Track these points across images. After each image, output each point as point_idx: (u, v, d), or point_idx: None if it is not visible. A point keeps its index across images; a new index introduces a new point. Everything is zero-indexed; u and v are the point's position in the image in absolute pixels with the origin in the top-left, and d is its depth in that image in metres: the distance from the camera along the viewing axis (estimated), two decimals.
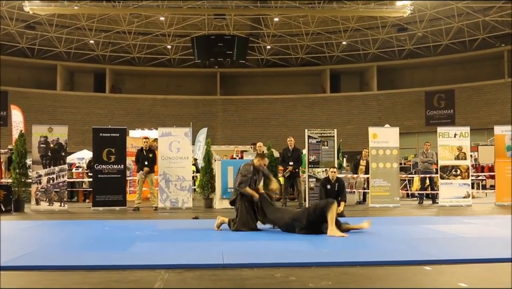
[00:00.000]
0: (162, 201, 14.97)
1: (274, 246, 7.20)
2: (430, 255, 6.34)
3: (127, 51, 41.45)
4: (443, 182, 15.57)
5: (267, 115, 41.13)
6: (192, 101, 41.65)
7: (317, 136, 15.35)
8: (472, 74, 39.37)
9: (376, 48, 40.80)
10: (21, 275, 5.45)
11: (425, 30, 38.14)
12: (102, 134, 15.16)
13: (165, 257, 6.28)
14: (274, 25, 38.88)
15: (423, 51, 40.41)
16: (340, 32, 39.55)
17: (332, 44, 41.22)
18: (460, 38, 38.64)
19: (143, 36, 40.17)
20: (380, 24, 38.32)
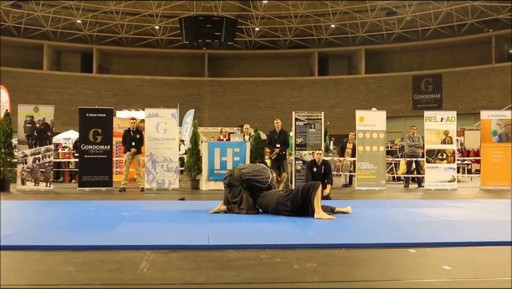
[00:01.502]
0: (148, 182, 14.97)
1: (260, 228, 7.22)
2: (414, 238, 6.37)
3: (114, 31, 41.14)
4: (429, 165, 15.65)
5: (255, 97, 41.14)
6: (179, 82, 41.52)
7: (304, 119, 15.36)
8: (460, 59, 39.53)
9: (365, 32, 40.77)
10: (5, 255, 5.41)
11: (414, 14, 38.14)
12: (88, 114, 15.09)
13: (150, 238, 6.27)
14: (263, 7, 38.71)
15: (412, 36, 40.45)
16: (329, 15, 39.46)
17: (321, 27, 41.14)
18: (448, 22, 38.69)
19: (131, 16, 39.86)
20: (368, 8, 38.26)
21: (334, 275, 4.65)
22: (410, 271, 4.97)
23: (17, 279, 4.54)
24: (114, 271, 4.73)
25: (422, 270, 5.03)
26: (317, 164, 12.14)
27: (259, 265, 4.94)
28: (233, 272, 4.68)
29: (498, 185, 15.10)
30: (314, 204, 8.09)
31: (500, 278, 4.56)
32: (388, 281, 4.50)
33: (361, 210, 9.12)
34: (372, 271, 4.92)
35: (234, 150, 14.81)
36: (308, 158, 14.54)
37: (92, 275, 4.60)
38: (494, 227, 7.29)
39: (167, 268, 4.86)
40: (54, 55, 41.88)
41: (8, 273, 4.78)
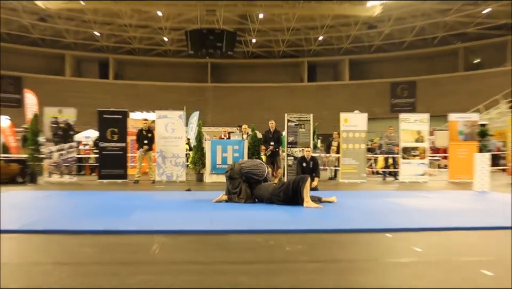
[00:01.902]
0: (159, 175, 14.95)
1: (256, 215, 7.24)
2: (390, 223, 6.42)
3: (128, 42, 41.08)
4: (404, 161, 15.67)
5: (252, 101, 41.11)
6: (185, 88, 41.48)
7: (295, 120, 15.36)
8: (431, 68, 39.61)
9: (349, 43, 40.81)
10: (34, 238, 5.46)
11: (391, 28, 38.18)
12: (105, 116, 15.04)
13: (161, 224, 6.30)
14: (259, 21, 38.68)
15: (390, 47, 40.51)
16: (317, 28, 39.45)
17: (310, 39, 41.15)
18: (422, 35, 38.78)
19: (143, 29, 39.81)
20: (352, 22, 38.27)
21: (320, 256, 4.69)
22: (387, 252, 5.02)
23: (45, 258, 4.57)
24: (129, 252, 4.77)
25: (397, 251, 5.08)
26: (306, 160, 12.16)
27: (256, 248, 4.98)
28: (233, 253, 4.72)
29: (464, 178, 15.14)
30: (303, 194, 8.14)
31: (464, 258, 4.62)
32: (367, 261, 4.54)
33: (345, 200, 9.15)
34: (354, 253, 4.97)
35: (233, 147, 14.82)
36: (298, 154, 14.54)
37: (110, 255, 4.64)
38: (459, 215, 7.34)
39: (175, 249, 4.90)
40: (75, 63, 41.79)
41: (37, 253, 4.82)
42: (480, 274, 4.02)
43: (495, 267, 4.22)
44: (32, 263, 4.41)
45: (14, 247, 5.11)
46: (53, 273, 3.99)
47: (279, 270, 4.15)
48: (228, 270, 4.14)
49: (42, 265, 4.29)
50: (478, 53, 39.09)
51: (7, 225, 6.08)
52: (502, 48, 36.44)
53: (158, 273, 3.99)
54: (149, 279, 3.79)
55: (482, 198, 10.15)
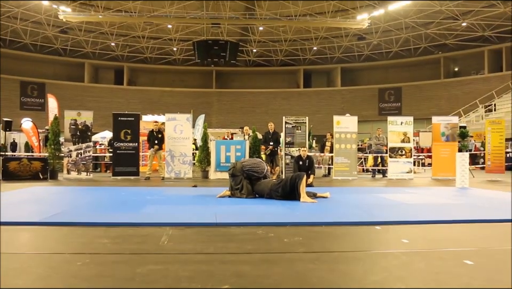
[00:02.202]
0: (168, 172, 14.94)
1: (257, 209, 7.20)
2: (379, 217, 6.38)
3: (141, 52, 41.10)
4: (391, 160, 15.66)
5: (252, 105, 41.12)
6: (192, 93, 41.49)
7: (292, 122, 15.34)
8: (415, 75, 39.60)
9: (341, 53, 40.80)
10: (54, 230, 5.41)
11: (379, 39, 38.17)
12: (120, 118, 15.03)
13: (169, 217, 6.27)
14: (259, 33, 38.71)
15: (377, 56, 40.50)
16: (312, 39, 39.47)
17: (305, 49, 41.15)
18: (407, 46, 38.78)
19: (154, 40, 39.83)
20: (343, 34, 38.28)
21: (316, 247, 4.64)
22: (376, 244, 4.97)
23: (64, 248, 4.53)
24: (141, 243, 4.72)
25: (385, 242, 5.04)
26: (302, 158, 12.13)
27: (256, 239, 4.94)
28: (236, 244, 4.68)
29: (446, 176, 15.11)
30: (300, 190, 8.10)
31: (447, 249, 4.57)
32: (359, 251, 4.50)
33: (338, 196, 9.12)
34: (346, 244, 4.92)
35: (236, 147, 14.78)
36: (295, 154, 14.53)
37: (123, 246, 4.60)
38: (443, 209, 7.29)
39: (183, 241, 4.86)
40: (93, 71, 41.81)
41: (57, 244, 4.78)
42: (463, 263, 3.97)
43: (476, 257, 4.18)
44: (53, 252, 4.37)
45: (35, 238, 5.06)
46: (71, 262, 3.95)
47: (278, 259, 4.12)
48: (231, 259, 4.10)
49: (61, 255, 4.25)
50: (457, 62, 39.09)
51: (30, 218, 6.05)
52: (479, 57, 36.46)
53: (167, 263, 3.95)
54: (158, 268, 3.75)
55: (463, 193, 10.10)
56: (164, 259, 4.06)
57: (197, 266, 3.85)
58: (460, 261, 4.05)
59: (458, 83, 37.31)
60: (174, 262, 4.01)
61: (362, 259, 4.13)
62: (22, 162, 13.65)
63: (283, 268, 3.80)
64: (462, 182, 11.99)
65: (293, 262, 4.00)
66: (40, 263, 3.98)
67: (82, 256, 4.15)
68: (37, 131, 18.61)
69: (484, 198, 9.06)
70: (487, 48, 35.73)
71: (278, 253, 4.38)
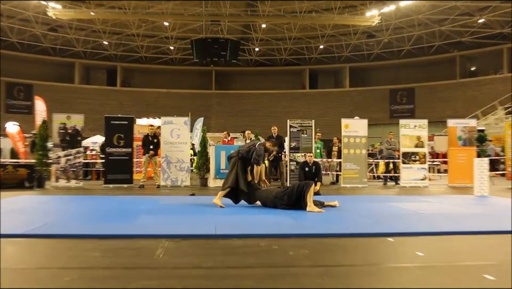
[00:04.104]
0: (164, 180, 14.92)
1: (260, 219, 7.17)
2: (392, 228, 6.34)
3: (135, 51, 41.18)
4: (404, 166, 15.61)
5: (255, 107, 41.11)
6: (190, 94, 41.51)
7: (297, 126, 15.32)
8: (429, 75, 39.56)
9: (349, 52, 40.80)
10: (42, 242, 5.39)
11: (390, 37, 38.18)
12: (113, 122, 15.02)
13: (165, 228, 6.24)
14: (262, 31, 38.75)
15: (388, 55, 40.50)
16: (318, 37, 39.49)
17: (311, 47, 41.18)
18: (420, 44, 38.77)
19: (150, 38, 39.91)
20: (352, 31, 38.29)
21: (323, 261, 4.61)
22: (389, 257, 4.94)
23: (52, 262, 4.50)
24: (134, 256, 4.70)
25: (398, 256, 5.00)
26: (309, 164, 12.10)
27: (259, 252, 4.91)
28: (237, 258, 4.65)
29: (463, 183, 15.04)
30: (307, 199, 8.08)
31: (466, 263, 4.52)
32: (370, 265, 4.47)
33: (347, 205, 9.08)
34: (356, 257, 4.88)
35: None
36: (300, 159, 14.50)
37: (115, 260, 4.57)
38: (460, 219, 7.25)
39: (179, 254, 4.83)
40: (84, 71, 41.89)
41: (44, 258, 4.74)
42: (482, 278, 3.93)
43: (497, 271, 4.13)
44: (39, 267, 4.34)
45: (20, 251, 5.03)
46: (59, 277, 3.92)
47: (282, 274, 4.09)
48: (232, 274, 4.07)
49: (49, 270, 4.22)
50: (474, 61, 39.03)
51: (14, 229, 6.00)
52: (497, 55, 36.38)
53: (162, 278, 3.91)
54: (153, 283, 3.71)
55: (482, 202, 10.05)
56: (158, 274, 4.03)
57: (194, 281, 3.82)
58: (479, 275, 4.01)
59: (475, 83, 37.25)
60: (170, 277, 3.98)
61: (374, 274, 4.10)
62: (7, 170, 13.63)
63: (288, 283, 3.77)
64: (481, 190, 11.93)
65: (299, 277, 3.97)
66: (25, 279, 3.94)
67: (70, 271, 4.12)
68: (23, 136, 18.61)
69: (505, 207, 9.00)
70: (506, 46, 35.66)
71: (283, 267, 4.35)
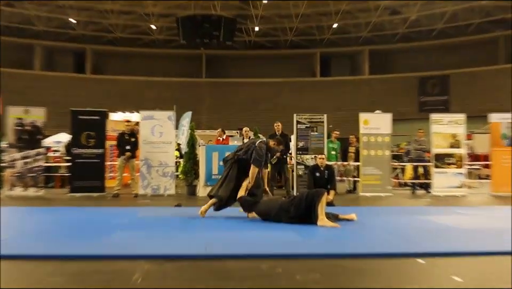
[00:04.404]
0: (143, 187, 14.88)
1: (260, 236, 7.14)
2: (423, 247, 6.31)
3: (109, 30, 41.22)
4: (437, 170, 15.58)
5: (254, 99, 41.15)
6: (176, 84, 41.57)
7: (306, 122, 15.30)
8: (467, 60, 39.63)
9: (368, 31, 40.83)
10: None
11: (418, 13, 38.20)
12: (81, 117, 14.99)
13: (145, 247, 6.22)
14: (263, 6, 38.76)
15: (417, 36, 40.51)
16: (331, 14, 39.54)
17: (323, 26, 41.23)
18: (455, 22, 38.78)
19: (126, 15, 39.95)
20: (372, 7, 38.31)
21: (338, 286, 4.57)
22: (419, 283, 4.91)
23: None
24: (106, 282, 4.67)
25: (431, 281, 4.97)
26: (320, 169, 12.07)
27: (259, 276, 4.89)
28: (232, 283, 4.63)
29: (510, 191, 15.01)
30: (318, 211, 8.03)
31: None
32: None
33: (367, 218, 9.05)
34: (379, 283, 4.86)
35: None
36: (310, 163, 14.47)
37: (83, 286, 4.53)
38: (505, 236, 7.20)
39: (162, 279, 4.80)
40: (46, 55, 41.96)
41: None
42: None
43: None
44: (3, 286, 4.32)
45: None
46: None
47: None
48: None
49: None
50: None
51: None
52: None
53: None
54: None
55: None
56: None
57: None
58: None
59: None
60: None
61: None
62: None
63: None
64: None
65: None
66: None
67: None
68: None
69: None
70: None
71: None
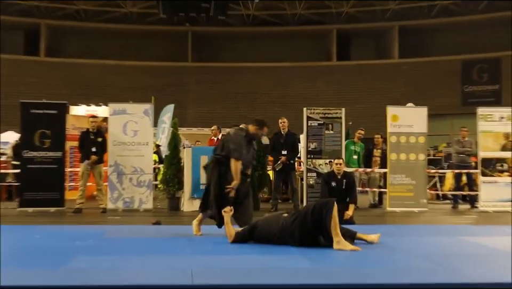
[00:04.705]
0: (112, 200, 14.90)
1: (260, 262, 7.13)
2: (467, 277, 6.31)
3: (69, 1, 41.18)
4: (485, 179, 15.58)
5: (254, 89, 41.07)
6: (154, 69, 41.50)
7: (319, 118, 15.31)
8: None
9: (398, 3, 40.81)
10: None
11: None
12: (33, 111, 14.98)
13: (114, 276, 6.20)
14: None
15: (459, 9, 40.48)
16: None
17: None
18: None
19: None
20: None
21: None
22: None
23: None
24: None
25: None
26: (336, 177, 12.04)
27: None
28: None
29: None
30: (331, 229, 7.88)
31: None
32: None
33: (396, 239, 9.03)
34: None
35: None
36: (323, 169, 14.48)
37: None
38: None
39: None
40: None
41: None
42: None
43: None
44: None
45: None
46: None
47: None
48: None
49: None
50: None
51: None
52: None
53: None
54: None
55: None
56: None
57: None
58: None
59: None
60: None
61: None
62: None
63: None
64: None
65: None
66: None
67: None
68: None
69: None
70: None
71: None
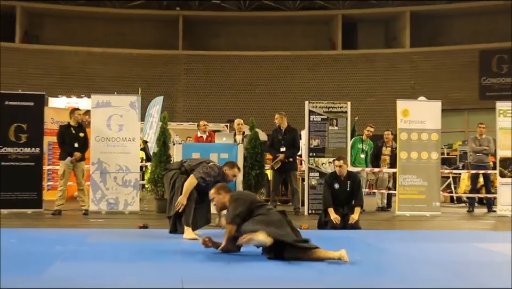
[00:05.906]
0: (95, 201, 14.89)
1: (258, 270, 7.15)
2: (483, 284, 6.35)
3: None
4: (503, 181, 15.60)
5: (251, 80, 41.06)
6: (141, 57, 41.48)
7: (322, 112, 15.31)
8: None
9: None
10: None
11: None
12: (8, 103, 14.95)
13: (97, 284, 6.20)
14: None
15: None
16: None
17: None
18: None
19: None
20: None
21: None
22: None
23: None
24: None
25: None
26: (340, 178, 12.01)
27: None
28: None
29: None
30: None
31: None
32: None
33: (406, 245, 9.07)
34: None
35: (220, 155, 14.58)
36: (327, 169, 14.49)
37: None
38: None
39: None
40: None
41: None
42: None
43: None
44: None
45: None
46: None
47: None
48: None
49: None
50: None
51: None
52: None
53: None
54: None
55: None
56: None
57: None
58: None
59: None
60: None
61: None
62: None
63: None
64: None
65: None
66: None
67: None
68: None
69: None
70: None
71: None
